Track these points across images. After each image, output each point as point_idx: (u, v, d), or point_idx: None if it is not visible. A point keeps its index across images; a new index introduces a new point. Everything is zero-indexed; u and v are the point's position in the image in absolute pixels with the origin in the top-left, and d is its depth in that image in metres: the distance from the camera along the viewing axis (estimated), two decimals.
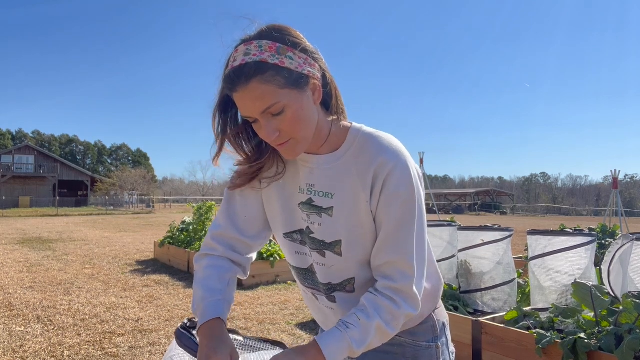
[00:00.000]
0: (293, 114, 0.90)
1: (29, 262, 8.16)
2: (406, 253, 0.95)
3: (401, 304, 0.95)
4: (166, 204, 52.93)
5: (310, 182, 1.02)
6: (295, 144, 0.94)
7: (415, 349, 1.07)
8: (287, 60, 0.88)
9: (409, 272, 0.95)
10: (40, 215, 28.02)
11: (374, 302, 0.95)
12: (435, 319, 1.11)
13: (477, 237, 4.08)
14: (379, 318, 0.94)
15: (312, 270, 1.08)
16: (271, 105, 0.88)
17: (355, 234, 0.99)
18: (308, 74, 0.91)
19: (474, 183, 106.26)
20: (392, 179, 0.94)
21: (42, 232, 14.96)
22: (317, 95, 0.95)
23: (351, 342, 0.91)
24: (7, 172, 43.44)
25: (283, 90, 0.88)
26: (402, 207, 0.95)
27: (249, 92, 0.88)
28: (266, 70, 0.87)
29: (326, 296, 1.08)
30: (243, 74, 0.87)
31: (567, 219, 36.53)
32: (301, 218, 1.05)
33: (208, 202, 8.82)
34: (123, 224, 19.59)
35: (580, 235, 3.39)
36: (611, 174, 13.70)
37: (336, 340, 0.91)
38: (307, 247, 1.06)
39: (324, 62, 0.98)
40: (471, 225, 4.76)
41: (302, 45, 0.91)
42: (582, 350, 2.54)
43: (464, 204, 54.95)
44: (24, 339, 3.94)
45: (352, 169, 0.98)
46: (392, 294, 0.95)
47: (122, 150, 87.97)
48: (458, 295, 4.02)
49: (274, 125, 0.91)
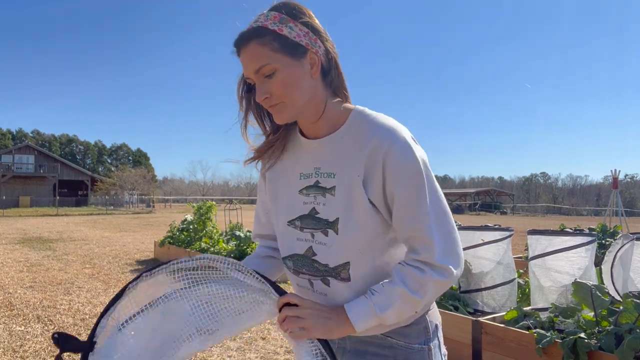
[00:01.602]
0: (283, 78, 0.97)
1: (29, 262, 8.17)
2: (422, 227, 0.97)
3: (426, 270, 0.96)
4: (166, 204, 52.95)
5: (317, 165, 1.07)
6: (284, 107, 1.00)
7: (407, 351, 1.07)
8: (287, 29, 0.97)
9: (428, 244, 0.97)
10: (40, 215, 28.04)
11: (400, 271, 0.99)
12: (428, 320, 1.11)
13: (477, 237, 4.08)
14: (403, 284, 0.96)
15: (310, 255, 1.08)
16: (263, 66, 0.96)
17: (351, 211, 1.01)
18: (306, 46, 0.98)
19: (474, 183, 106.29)
20: (392, 157, 0.97)
21: (42, 231, 14.96)
22: (315, 69, 1.00)
23: (374, 306, 0.96)
24: (7, 172, 43.45)
25: (276, 54, 0.96)
26: (409, 182, 0.96)
27: (247, 52, 0.98)
28: (264, 35, 0.96)
29: (321, 279, 1.07)
30: (245, 37, 0.98)
31: (567, 218, 36.53)
32: (303, 203, 1.08)
33: (208, 202, 8.82)
34: (123, 224, 19.60)
35: (581, 235, 3.39)
36: (611, 173, 13.71)
37: (361, 305, 0.97)
38: (307, 231, 1.08)
39: (332, 44, 1.04)
40: (471, 225, 4.76)
41: (305, 20, 0.99)
42: (582, 350, 2.54)
43: (464, 203, 54.96)
44: (24, 339, 3.94)
45: (351, 149, 1.02)
46: (418, 264, 0.98)
47: (122, 150, 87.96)
48: (458, 295, 4.02)
49: (265, 87, 0.98)
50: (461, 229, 4.35)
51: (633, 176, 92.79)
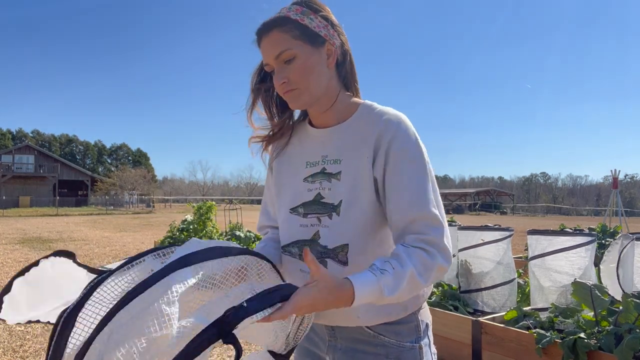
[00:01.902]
0: (302, 64, 1.03)
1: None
2: (430, 207, 0.98)
3: (435, 255, 0.95)
4: (166, 204, 52.95)
5: (324, 153, 1.11)
6: (299, 93, 1.05)
7: (399, 350, 1.07)
8: (307, 19, 1.04)
9: (437, 224, 0.97)
10: (40, 215, 28.03)
11: (408, 251, 0.95)
12: (420, 319, 1.11)
13: (477, 236, 4.08)
14: (413, 267, 0.93)
15: (317, 239, 1.08)
16: (283, 51, 1.02)
17: (354, 193, 1.04)
18: (324, 36, 1.05)
19: (474, 183, 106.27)
20: (398, 138, 1.01)
21: (42, 231, 14.96)
22: (332, 60, 1.07)
23: (383, 288, 0.90)
24: (7, 172, 43.45)
25: (296, 41, 1.02)
26: (413, 164, 1.00)
27: (269, 39, 1.04)
28: (286, 23, 1.03)
29: (319, 262, 1.07)
30: (268, 25, 1.04)
31: (567, 218, 36.53)
32: (307, 190, 1.11)
33: (208, 202, 8.82)
34: (123, 224, 19.60)
35: (580, 235, 3.39)
36: (611, 173, 13.71)
37: (369, 284, 0.90)
38: (312, 216, 1.09)
39: (346, 39, 1.11)
40: (471, 225, 4.76)
41: (325, 14, 1.07)
42: (582, 350, 2.54)
43: (464, 203, 54.98)
44: (24, 339, 3.95)
45: (358, 136, 1.06)
46: (425, 246, 0.95)
47: (122, 150, 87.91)
48: (458, 295, 4.02)
49: (284, 72, 1.04)
50: (461, 229, 4.36)
51: (633, 176, 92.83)
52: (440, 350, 3.46)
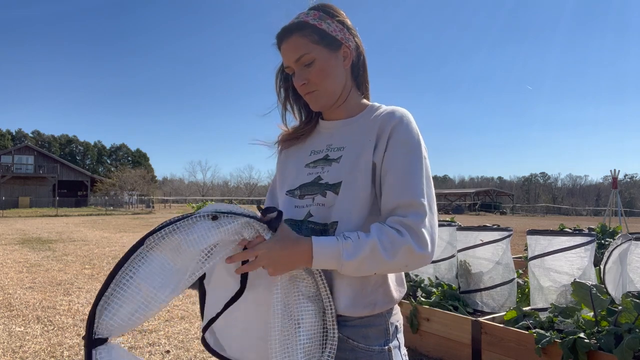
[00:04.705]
0: (320, 67, 1.10)
1: (28, 263, 8.16)
2: (417, 194, 1.01)
3: (406, 235, 0.96)
4: (166, 204, 52.93)
5: (329, 142, 1.18)
6: (319, 95, 1.12)
7: (368, 354, 1.07)
8: (325, 24, 1.10)
9: (420, 210, 0.99)
10: (39, 215, 28.03)
11: (379, 226, 0.99)
12: (389, 322, 1.11)
13: (476, 237, 4.08)
14: (377, 239, 0.96)
15: (307, 218, 1.13)
16: (303, 55, 1.09)
17: (353, 176, 1.08)
18: (341, 40, 1.12)
19: (473, 183, 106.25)
20: (400, 129, 1.06)
21: (42, 232, 14.96)
22: (348, 61, 1.14)
23: (342, 251, 0.96)
24: (7, 173, 43.42)
25: (315, 46, 1.09)
26: (409, 154, 1.04)
27: (290, 43, 1.10)
28: (305, 28, 1.09)
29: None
30: (288, 29, 1.10)
31: (566, 218, 36.55)
32: (307, 174, 1.17)
33: (208, 202, 8.82)
34: (123, 224, 19.60)
35: (580, 235, 3.39)
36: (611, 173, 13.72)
37: (329, 244, 0.97)
38: (308, 197, 1.14)
39: (360, 41, 1.18)
40: (471, 225, 4.77)
41: (341, 19, 1.13)
42: (582, 350, 2.54)
43: (464, 204, 54.98)
44: (24, 339, 3.94)
45: (363, 127, 1.13)
46: (399, 226, 0.98)
47: (122, 150, 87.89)
48: (458, 295, 4.02)
49: (304, 74, 1.11)
50: (460, 229, 4.36)
51: (632, 176, 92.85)
52: (440, 350, 3.48)
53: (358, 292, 1.06)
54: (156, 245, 0.94)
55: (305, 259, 0.97)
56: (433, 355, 3.53)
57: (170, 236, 0.94)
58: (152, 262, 0.93)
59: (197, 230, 0.95)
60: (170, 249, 0.95)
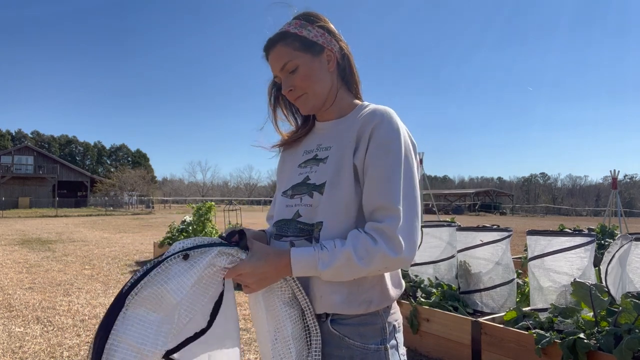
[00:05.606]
0: (304, 72, 1.14)
1: (28, 263, 8.16)
2: (392, 198, 1.01)
3: (379, 242, 0.99)
4: (166, 205, 52.93)
5: (320, 142, 1.21)
6: (307, 98, 1.16)
7: (364, 352, 1.07)
8: (305, 31, 1.14)
9: (395, 214, 1.00)
10: (39, 215, 28.02)
11: (354, 235, 1.02)
12: (387, 321, 1.11)
13: (476, 237, 4.08)
14: (352, 248, 0.99)
15: (296, 217, 1.16)
16: (287, 62, 1.14)
17: (338, 176, 1.10)
18: (322, 44, 1.15)
19: (473, 183, 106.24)
20: (380, 129, 1.07)
21: (42, 232, 14.95)
22: (332, 64, 1.17)
23: (317, 261, 1.01)
24: (7, 173, 43.42)
25: (298, 52, 1.13)
26: (388, 156, 1.05)
27: (274, 53, 1.16)
28: (287, 37, 1.14)
29: (305, 238, 1.13)
30: (272, 41, 1.16)
31: (566, 219, 36.55)
32: (298, 174, 1.20)
33: (207, 203, 8.82)
34: (122, 225, 19.60)
35: (580, 236, 3.39)
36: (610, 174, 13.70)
37: (306, 255, 1.02)
38: (297, 197, 1.17)
39: (346, 44, 1.21)
40: (471, 225, 4.77)
41: (321, 24, 1.17)
42: (582, 350, 2.54)
43: (464, 204, 54.98)
44: (24, 340, 3.94)
45: (350, 126, 1.15)
46: (374, 233, 1.00)
47: (122, 150, 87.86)
48: (457, 295, 4.02)
49: (290, 81, 1.15)
50: (460, 230, 4.36)
51: (632, 176, 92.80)
52: (440, 350, 3.48)
53: (353, 289, 1.07)
54: (134, 302, 0.94)
55: (287, 271, 1.03)
56: (433, 355, 3.53)
57: (147, 288, 0.94)
58: (135, 320, 0.93)
59: (172, 275, 0.96)
60: (149, 301, 0.95)
